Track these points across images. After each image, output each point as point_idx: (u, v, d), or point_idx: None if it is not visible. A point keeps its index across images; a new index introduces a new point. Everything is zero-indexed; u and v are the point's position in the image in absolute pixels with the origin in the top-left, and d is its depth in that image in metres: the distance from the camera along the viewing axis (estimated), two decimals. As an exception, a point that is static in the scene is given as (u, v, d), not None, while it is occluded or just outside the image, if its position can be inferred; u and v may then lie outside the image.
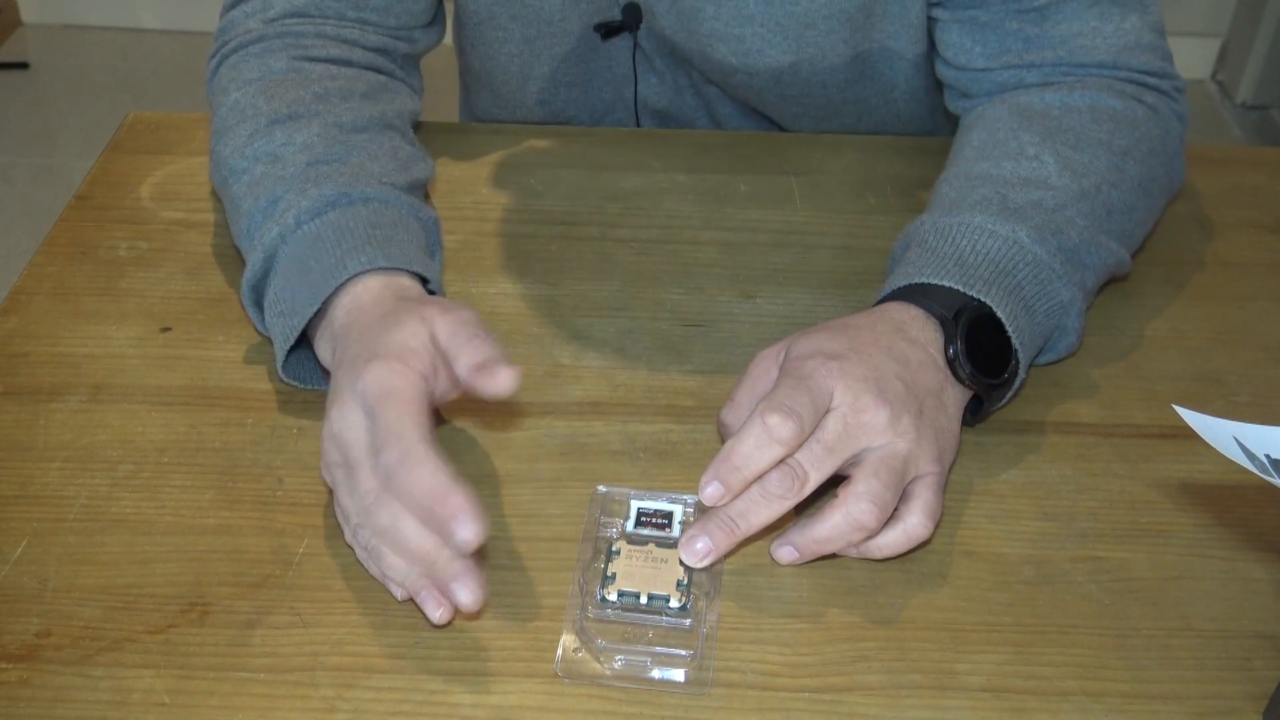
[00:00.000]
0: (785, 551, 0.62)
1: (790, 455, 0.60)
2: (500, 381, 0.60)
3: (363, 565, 0.62)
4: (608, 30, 0.94)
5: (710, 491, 0.60)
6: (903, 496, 0.62)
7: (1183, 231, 0.88)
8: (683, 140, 0.96)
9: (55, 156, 2.55)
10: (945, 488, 0.64)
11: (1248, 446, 0.52)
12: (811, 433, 0.61)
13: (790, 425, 0.59)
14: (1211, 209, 0.91)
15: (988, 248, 0.70)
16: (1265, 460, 0.52)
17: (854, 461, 0.62)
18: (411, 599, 0.60)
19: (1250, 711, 0.57)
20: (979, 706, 0.57)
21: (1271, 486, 0.62)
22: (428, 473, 0.56)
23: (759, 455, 0.60)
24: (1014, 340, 0.68)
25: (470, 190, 0.89)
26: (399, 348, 0.61)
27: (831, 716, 0.56)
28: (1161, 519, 0.66)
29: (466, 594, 0.57)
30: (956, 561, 0.64)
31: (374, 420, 0.59)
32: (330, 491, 0.66)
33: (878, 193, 0.90)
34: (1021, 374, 0.69)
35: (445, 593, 0.58)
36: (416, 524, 0.57)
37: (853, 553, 0.63)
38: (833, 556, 0.63)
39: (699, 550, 0.60)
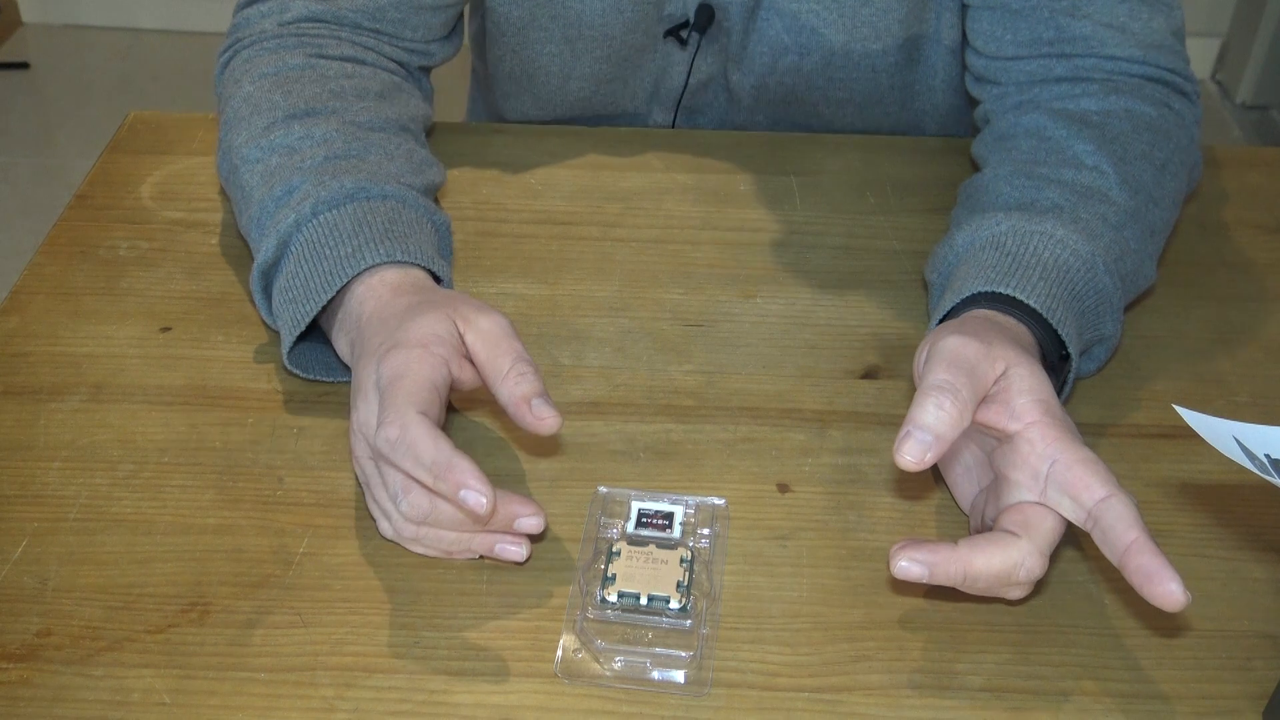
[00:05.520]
0: (917, 569, 0.57)
1: None
2: (546, 424, 0.61)
3: (407, 549, 0.63)
4: (676, 32, 0.94)
5: None
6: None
7: (1183, 231, 0.88)
8: (683, 140, 0.96)
9: (55, 156, 2.55)
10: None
11: (1248, 446, 0.52)
12: None
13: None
14: (1211, 209, 0.91)
15: (1068, 265, 0.69)
16: (1265, 460, 0.52)
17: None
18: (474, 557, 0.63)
19: (1250, 711, 0.57)
20: (979, 706, 0.57)
21: (1271, 486, 0.62)
22: (428, 446, 0.57)
23: None
24: (1067, 387, 0.69)
25: (470, 190, 0.89)
26: (422, 335, 0.62)
27: (831, 716, 0.56)
28: (1161, 519, 0.66)
29: (531, 521, 0.60)
30: (956, 561, 0.63)
31: (381, 399, 0.60)
32: (323, 494, 0.66)
33: (878, 193, 0.90)
34: None
35: (512, 533, 0.61)
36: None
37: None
38: (834, 566, 0.63)
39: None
